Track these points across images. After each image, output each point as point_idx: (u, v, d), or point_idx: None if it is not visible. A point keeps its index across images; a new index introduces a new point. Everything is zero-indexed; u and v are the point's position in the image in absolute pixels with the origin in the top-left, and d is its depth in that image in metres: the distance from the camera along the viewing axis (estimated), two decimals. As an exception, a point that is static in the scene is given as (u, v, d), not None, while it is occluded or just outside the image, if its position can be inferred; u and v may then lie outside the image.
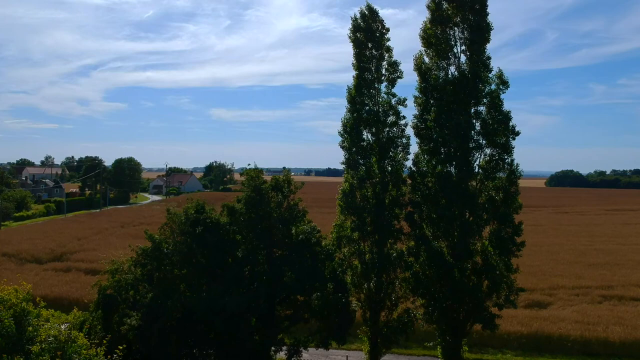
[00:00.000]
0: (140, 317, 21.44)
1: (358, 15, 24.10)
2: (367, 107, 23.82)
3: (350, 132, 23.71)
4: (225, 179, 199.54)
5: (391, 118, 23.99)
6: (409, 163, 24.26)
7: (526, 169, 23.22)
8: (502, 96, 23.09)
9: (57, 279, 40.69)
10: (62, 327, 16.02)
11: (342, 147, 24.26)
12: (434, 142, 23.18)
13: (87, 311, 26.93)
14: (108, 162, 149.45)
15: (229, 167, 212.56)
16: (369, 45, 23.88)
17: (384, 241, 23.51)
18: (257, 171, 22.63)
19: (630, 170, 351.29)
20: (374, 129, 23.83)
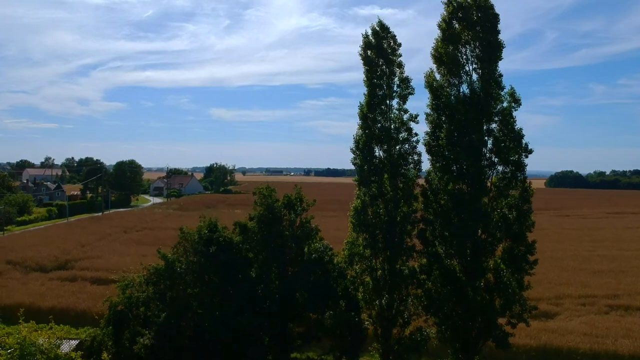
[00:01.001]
0: (154, 336, 21.44)
1: (369, 32, 24.05)
2: (379, 124, 23.80)
3: (363, 149, 23.70)
4: (225, 180, 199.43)
5: (403, 134, 23.97)
6: (420, 180, 24.35)
7: (527, 169, 23.20)
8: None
9: (63, 289, 40.59)
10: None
11: (354, 164, 24.27)
12: (445, 160, 23.16)
13: (98, 327, 26.96)
14: (108, 161, 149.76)
15: (230, 167, 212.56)
16: (380, 62, 23.85)
17: (395, 258, 23.50)
18: (270, 189, 22.62)
19: (629, 171, 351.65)
20: (385, 146, 23.81)
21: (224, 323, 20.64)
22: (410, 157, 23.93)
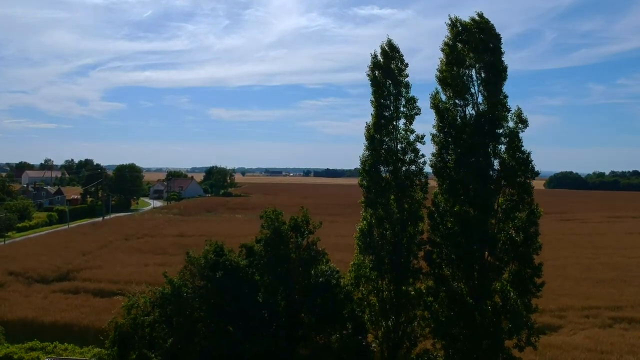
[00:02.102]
0: (161, 359, 21.38)
1: (379, 52, 24.01)
2: (386, 145, 23.76)
3: (369, 171, 23.66)
4: (225, 182, 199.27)
5: (409, 155, 23.93)
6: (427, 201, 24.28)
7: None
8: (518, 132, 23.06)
9: (65, 302, 40.49)
10: None
11: (361, 186, 24.24)
12: (452, 182, 23.10)
13: (102, 347, 26.88)
14: (107, 162, 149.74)
15: (229, 170, 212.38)
16: (388, 83, 23.82)
17: (402, 280, 23.45)
18: (277, 213, 22.56)
19: (629, 172, 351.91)
20: (392, 167, 23.77)
21: (231, 348, 20.60)
22: (417, 178, 23.89)
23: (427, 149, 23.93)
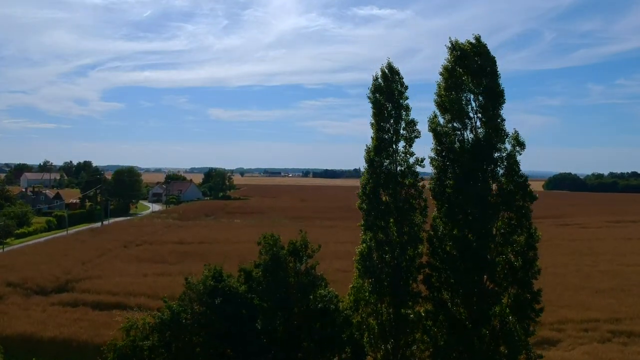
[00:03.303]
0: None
1: (379, 74, 24.05)
2: (386, 169, 23.77)
3: (369, 195, 23.67)
4: (224, 185, 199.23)
5: (409, 179, 23.94)
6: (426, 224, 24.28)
7: (524, 169, 23.25)
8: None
9: (64, 316, 40.42)
10: None
11: (360, 209, 24.25)
12: (450, 206, 23.11)
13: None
14: (106, 162, 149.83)
15: (228, 172, 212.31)
16: (388, 106, 23.85)
17: (401, 303, 23.46)
18: (275, 238, 22.55)
19: (627, 173, 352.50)
20: (391, 191, 23.76)
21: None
22: (416, 201, 23.89)
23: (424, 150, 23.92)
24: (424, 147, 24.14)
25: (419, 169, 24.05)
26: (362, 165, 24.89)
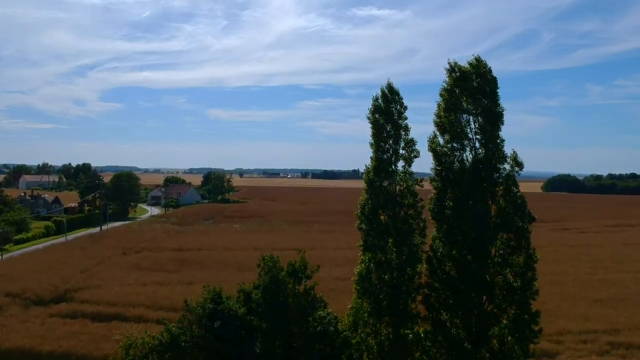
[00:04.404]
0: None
1: (379, 95, 24.12)
2: (385, 190, 23.82)
3: (368, 216, 23.71)
4: (223, 188, 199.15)
5: (408, 199, 23.99)
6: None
7: (523, 169, 23.37)
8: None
9: (64, 329, 40.36)
10: None
11: (359, 229, 24.29)
12: (450, 227, 23.15)
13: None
14: (105, 163, 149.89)
15: (227, 177, 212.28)
16: (388, 126, 23.91)
17: (400, 324, 23.49)
18: (274, 260, 22.58)
19: (626, 174, 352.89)
20: (390, 211, 23.80)
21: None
22: (415, 222, 23.93)
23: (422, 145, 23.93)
24: (424, 148, 24.24)
25: (418, 169, 24.26)
26: (361, 166, 25.12)
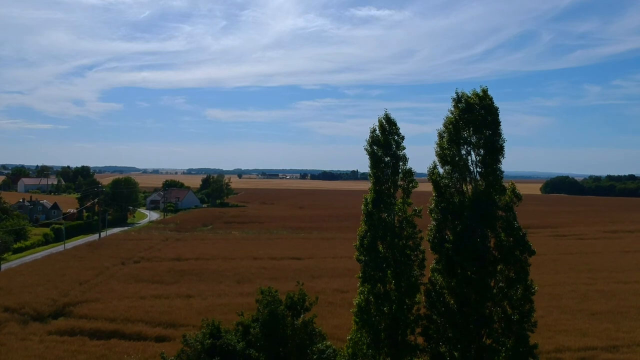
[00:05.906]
0: None
1: (377, 126, 24.12)
2: (383, 222, 23.81)
3: (367, 248, 23.71)
4: (222, 192, 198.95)
5: (407, 230, 23.98)
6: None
7: (521, 169, 23.47)
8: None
9: (62, 347, 40.27)
10: None
11: (358, 260, 24.28)
12: (449, 260, 23.15)
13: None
14: (103, 163, 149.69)
15: (226, 178, 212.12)
16: (386, 158, 23.92)
17: (399, 356, 23.48)
18: (273, 294, 22.56)
19: (625, 176, 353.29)
20: (389, 244, 23.79)
21: None
22: (414, 253, 23.93)
23: (419, 142, 23.87)
24: (422, 149, 24.20)
25: (418, 169, 24.28)
26: (359, 166, 25.21)
